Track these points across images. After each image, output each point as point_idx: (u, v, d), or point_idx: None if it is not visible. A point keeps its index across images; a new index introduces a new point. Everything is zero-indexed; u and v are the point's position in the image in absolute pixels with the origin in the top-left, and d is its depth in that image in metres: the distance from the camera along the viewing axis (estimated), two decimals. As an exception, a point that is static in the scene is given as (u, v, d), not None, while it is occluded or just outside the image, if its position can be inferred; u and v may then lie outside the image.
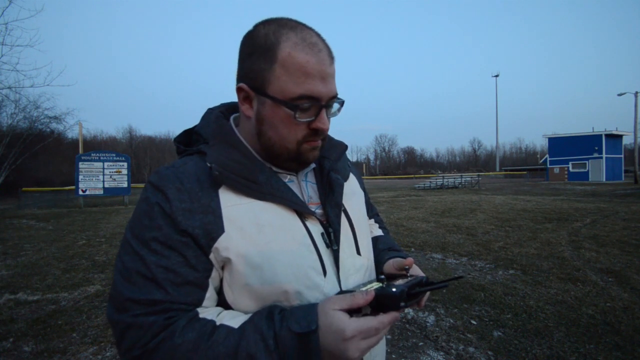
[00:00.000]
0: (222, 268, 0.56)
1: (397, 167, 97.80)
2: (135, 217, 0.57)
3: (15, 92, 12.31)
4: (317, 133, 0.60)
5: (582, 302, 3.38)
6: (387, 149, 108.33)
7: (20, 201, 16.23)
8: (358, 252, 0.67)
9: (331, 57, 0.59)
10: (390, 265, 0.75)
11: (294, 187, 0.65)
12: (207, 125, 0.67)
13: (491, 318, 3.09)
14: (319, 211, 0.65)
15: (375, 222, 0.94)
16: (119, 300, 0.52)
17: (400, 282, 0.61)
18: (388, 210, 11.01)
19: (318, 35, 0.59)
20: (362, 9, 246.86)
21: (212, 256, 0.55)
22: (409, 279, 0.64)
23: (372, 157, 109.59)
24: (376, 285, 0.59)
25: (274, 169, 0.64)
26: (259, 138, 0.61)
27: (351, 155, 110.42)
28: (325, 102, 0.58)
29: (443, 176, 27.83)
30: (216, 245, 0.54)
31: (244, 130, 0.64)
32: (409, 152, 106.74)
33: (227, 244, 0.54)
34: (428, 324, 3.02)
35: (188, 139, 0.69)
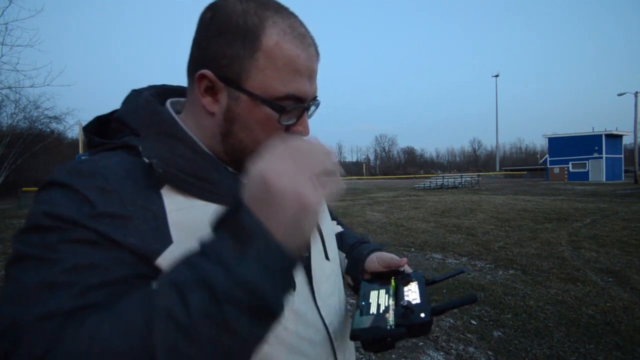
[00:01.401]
0: None
1: (397, 167, 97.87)
2: (30, 225, 0.39)
3: (15, 92, 12.32)
4: None
5: (582, 302, 3.38)
6: (387, 149, 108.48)
7: (20, 201, 16.23)
8: (327, 257, 0.61)
9: (318, 53, 0.51)
10: (375, 262, 0.71)
11: None
12: (135, 111, 0.50)
13: (491, 318, 3.09)
14: None
15: (332, 219, 0.85)
16: (5, 331, 0.33)
17: (411, 290, 0.60)
18: (388, 210, 11.01)
19: (303, 24, 0.50)
20: (362, 9, 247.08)
21: (152, 274, 0.39)
22: (411, 278, 0.64)
23: (372, 157, 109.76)
24: (392, 307, 0.57)
25: (229, 169, 0.52)
26: (223, 139, 0.49)
27: (351, 155, 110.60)
28: (307, 104, 0.50)
29: (443, 176, 27.83)
30: (160, 260, 0.40)
31: (192, 123, 0.51)
32: (409, 152, 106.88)
33: (175, 258, 0.38)
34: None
35: (103, 129, 0.52)
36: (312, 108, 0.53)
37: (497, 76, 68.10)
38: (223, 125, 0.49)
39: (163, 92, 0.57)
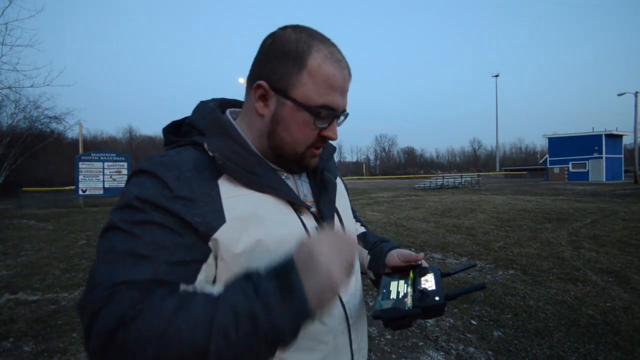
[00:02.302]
0: (216, 258, 0.55)
1: (397, 167, 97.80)
2: (124, 203, 0.53)
3: (15, 92, 12.32)
4: (324, 141, 0.65)
5: (582, 302, 3.38)
6: (387, 149, 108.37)
7: (20, 201, 16.24)
8: None
9: (350, 75, 0.64)
10: (394, 257, 0.80)
11: (290, 184, 0.67)
12: (202, 117, 0.65)
13: (491, 318, 3.09)
14: (312, 209, 0.67)
15: (357, 222, 1.00)
16: (99, 283, 0.47)
17: (427, 280, 0.69)
18: (388, 210, 11.01)
19: (341, 52, 0.63)
20: (362, 9, 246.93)
21: (211, 244, 0.53)
22: (428, 271, 0.73)
23: (372, 157, 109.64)
24: (409, 291, 0.67)
25: (272, 165, 0.66)
26: (269, 137, 0.63)
27: (351, 155, 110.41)
28: (338, 114, 0.63)
29: (443, 176, 27.83)
30: (216, 235, 0.53)
31: (245, 126, 0.65)
32: (409, 152, 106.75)
33: (227, 235, 0.54)
34: (428, 324, 3.02)
35: (177, 131, 0.68)
36: (342, 118, 0.66)
37: (497, 76, 67.99)
38: (269, 126, 0.62)
39: (224, 103, 0.74)
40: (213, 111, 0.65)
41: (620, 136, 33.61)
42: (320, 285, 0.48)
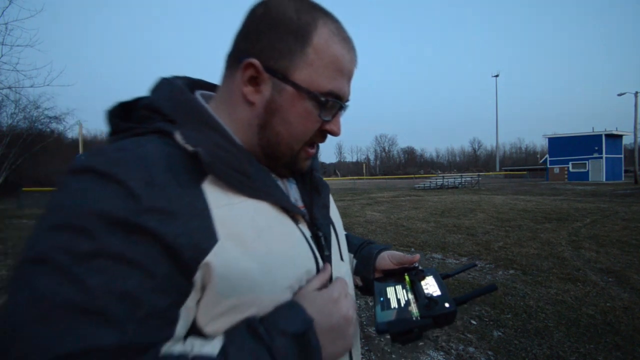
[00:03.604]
0: (203, 289, 0.41)
1: (397, 167, 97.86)
2: (59, 219, 0.36)
3: (15, 92, 12.26)
4: (324, 137, 0.54)
5: (582, 302, 3.38)
6: (387, 149, 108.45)
7: (20, 201, 16.23)
8: (341, 258, 0.62)
9: (357, 60, 0.53)
10: (386, 259, 0.72)
11: (281, 186, 0.55)
12: (169, 98, 0.48)
13: (491, 318, 3.09)
14: (306, 217, 0.57)
15: None
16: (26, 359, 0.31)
17: (428, 284, 0.63)
18: (388, 210, 11.00)
19: (346, 30, 0.52)
20: (362, 8, 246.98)
21: (197, 275, 0.39)
22: (425, 274, 0.67)
23: (372, 157, 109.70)
24: (412, 301, 0.60)
25: (261, 165, 0.53)
26: (260, 131, 0.50)
27: (351, 155, 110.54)
28: (344, 105, 0.52)
29: (443, 176, 27.85)
30: (207, 259, 0.39)
31: (225, 115, 0.50)
32: (409, 152, 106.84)
33: (222, 256, 0.40)
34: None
35: (128, 116, 0.50)
36: (342, 112, 0.55)
37: (497, 76, 68.05)
38: (262, 116, 0.49)
39: (191, 82, 0.56)
40: (183, 91, 0.49)
41: (620, 136, 33.59)
42: (335, 346, 0.46)
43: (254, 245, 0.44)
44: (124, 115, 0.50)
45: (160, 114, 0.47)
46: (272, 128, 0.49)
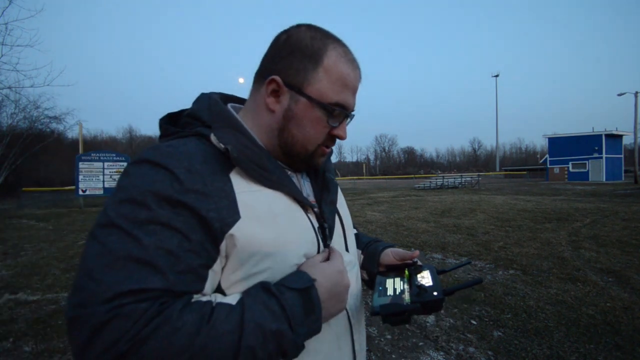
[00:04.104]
0: (227, 257, 0.52)
1: (397, 167, 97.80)
2: (124, 195, 0.47)
3: (15, 92, 12.30)
4: (333, 140, 0.65)
5: (582, 302, 3.38)
6: (387, 149, 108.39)
7: (20, 201, 16.23)
8: (347, 249, 0.71)
9: (361, 77, 0.65)
10: (389, 255, 0.81)
11: (295, 182, 0.66)
12: (206, 108, 0.62)
13: (491, 318, 3.09)
14: (316, 209, 0.67)
15: None
16: (97, 293, 0.41)
17: (423, 277, 0.69)
18: (388, 210, 11.00)
19: (353, 53, 0.64)
20: (362, 8, 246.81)
21: (223, 244, 0.50)
22: (423, 268, 0.73)
23: (372, 157, 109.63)
24: (406, 287, 0.68)
25: (278, 162, 0.64)
26: (279, 133, 0.61)
27: (351, 155, 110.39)
28: (349, 114, 0.63)
29: (443, 176, 27.84)
30: (231, 231, 0.50)
31: (251, 122, 0.63)
32: (409, 152, 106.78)
33: (243, 231, 0.51)
34: (428, 324, 3.02)
35: (174, 123, 0.64)
36: (348, 119, 0.66)
37: (497, 76, 68.05)
38: (281, 122, 0.61)
39: (224, 97, 0.70)
40: (218, 103, 0.62)
41: (620, 136, 33.59)
42: (333, 307, 0.55)
43: (269, 225, 0.54)
44: (172, 122, 0.64)
45: (200, 121, 0.60)
46: (289, 131, 0.61)
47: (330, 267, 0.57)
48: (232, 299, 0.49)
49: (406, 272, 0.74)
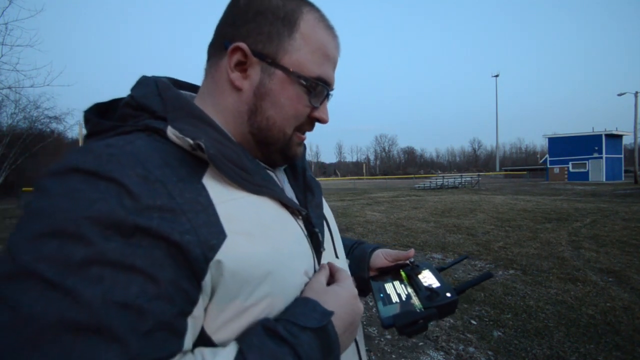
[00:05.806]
0: (212, 292, 0.38)
1: (397, 167, 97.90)
2: (44, 226, 0.31)
3: (15, 92, 12.27)
4: (312, 124, 0.53)
5: (582, 302, 3.38)
6: (387, 149, 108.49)
7: (20, 201, 16.23)
8: (336, 255, 0.62)
9: (340, 47, 0.53)
10: (381, 257, 0.73)
11: (277, 182, 0.54)
12: (156, 94, 0.45)
13: (491, 318, 3.09)
14: (304, 213, 0.55)
15: None
16: None
17: (426, 277, 0.64)
18: (388, 210, 11.00)
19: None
20: (362, 8, 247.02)
21: (207, 277, 0.36)
22: (421, 268, 0.67)
23: (372, 157, 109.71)
24: (411, 293, 0.61)
25: (256, 159, 0.52)
26: (250, 117, 0.48)
27: (351, 155, 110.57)
28: (330, 92, 0.52)
29: (443, 176, 27.86)
30: (218, 257, 0.37)
31: (212, 108, 0.49)
32: (409, 152, 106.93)
33: (232, 254, 0.38)
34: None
35: (108, 116, 0.47)
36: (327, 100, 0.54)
37: (497, 76, 67.95)
38: (251, 102, 0.48)
39: (173, 82, 0.55)
40: (170, 87, 0.46)
41: (620, 136, 33.60)
42: (347, 339, 0.46)
43: (262, 240, 0.42)
44: (103, 116, 0.46)
45: (147, 112, 0.44)
46: (262, 112, 0.48)
47: (344, 292, 0.47)
48: (227, 354, 0.36)
49: (402, 273, 0.68)
